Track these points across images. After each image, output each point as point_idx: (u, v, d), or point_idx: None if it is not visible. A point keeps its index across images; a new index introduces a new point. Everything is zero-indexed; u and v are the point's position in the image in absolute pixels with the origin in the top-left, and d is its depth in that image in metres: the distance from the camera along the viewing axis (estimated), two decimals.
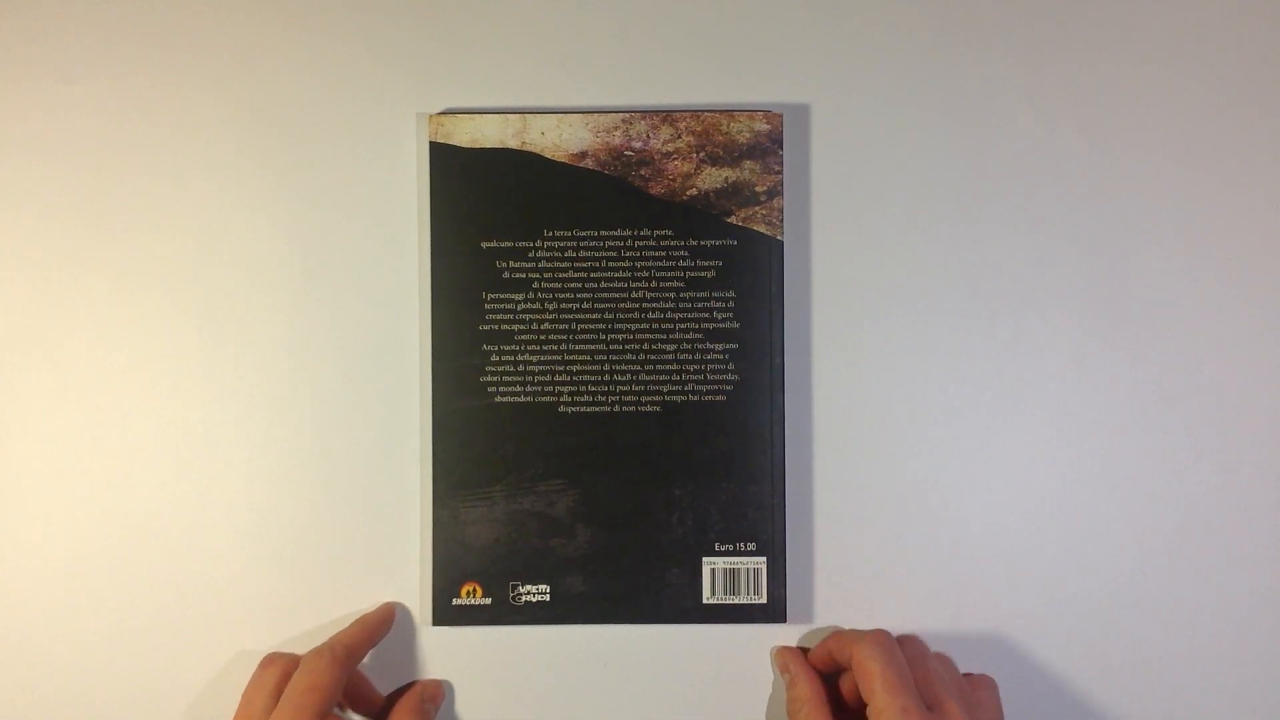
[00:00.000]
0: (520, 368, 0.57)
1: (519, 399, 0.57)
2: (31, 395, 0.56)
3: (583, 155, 0.58)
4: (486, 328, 0.58)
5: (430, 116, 0.58)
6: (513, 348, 0.57)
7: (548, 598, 0.57)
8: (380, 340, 0.58)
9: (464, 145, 0.58)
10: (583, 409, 0.57)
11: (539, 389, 0.57)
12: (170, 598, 0.57)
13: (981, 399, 0.59)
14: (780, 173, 0.58)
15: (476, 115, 0.58)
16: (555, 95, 0.59)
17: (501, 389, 0.57)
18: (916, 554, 0.59)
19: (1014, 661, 0.59)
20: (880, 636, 0.53)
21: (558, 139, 0.58)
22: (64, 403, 0.57)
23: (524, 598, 0.57)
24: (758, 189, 0.58)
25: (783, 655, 0.57)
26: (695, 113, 0.58)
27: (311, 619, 0.58)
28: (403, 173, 0.59)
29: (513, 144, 0.58)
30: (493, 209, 0.58)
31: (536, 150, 0.58)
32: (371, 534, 0.58)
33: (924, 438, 0.59)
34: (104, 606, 0.57)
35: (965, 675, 0.57)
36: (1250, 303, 0.59)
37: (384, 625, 0.57)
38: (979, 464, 0.59)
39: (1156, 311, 0.59)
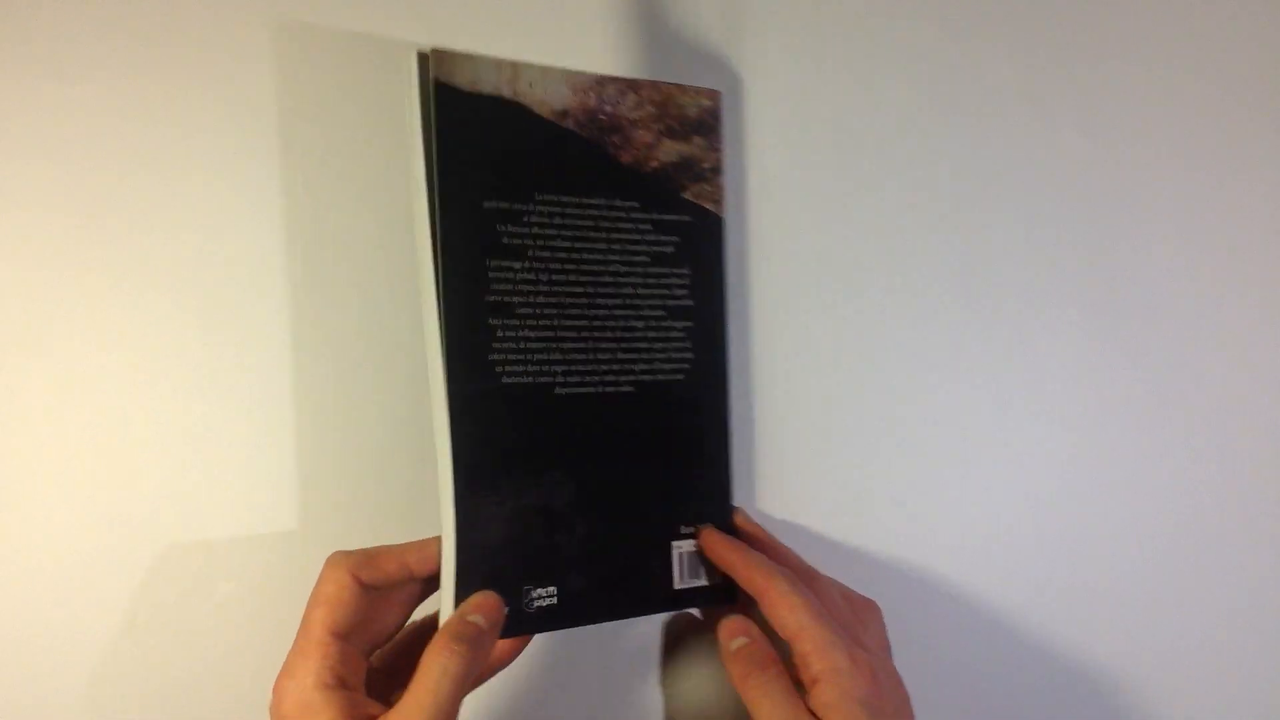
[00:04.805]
0: (522, 345, 0.52)
1: (522, 379, 0.52)
2: (31, 395, 0.54)
3: (565, 114, 0.54)
4: (493, 299, 0.51)
5: (432, 51, 0.50)
6: (514, 322, 0.52)
7: (555, 600, 0.53)
8: (389, 321, 0.57)
9: (465, 88, 0.51)
10: (573, 390, 0.54)
11: (539, 369, 0.53)
12: (170, 598, 0.55)
13: (932, 382, 0.62)
14: (720, 150, 0.59)
15: (475, 57, 0.51)
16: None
17: (508, 369, 0.52)
18: (860, 543, 0.61)
19: (1012, 657, 0.61)
20: (788, 574, 0.51)
21: (543, 93, 0.53)
22: (64, 403, 0.54)
23: (536, 603, 0.52)
24: (704, 165, 0.59)
25: (740, 622, 0.53)
26: (654, 82, 0.57)
27: None
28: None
29: (506, 92, 0.52)
30: (491, 165, 0.51)
31: (525, 103, 0.53)
32: (380, 536, 0.51)
33: (869, 422, 0.62)
34: (104, 607, 0.55)
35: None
36: (1250, 303, 0.63)
37: (422, 553, 0.51)
38: (928, 452, 0.61)
39: (1152, 311, 0.61)
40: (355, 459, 0.57)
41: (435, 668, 0.46)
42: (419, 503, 0.56)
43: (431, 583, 0.52)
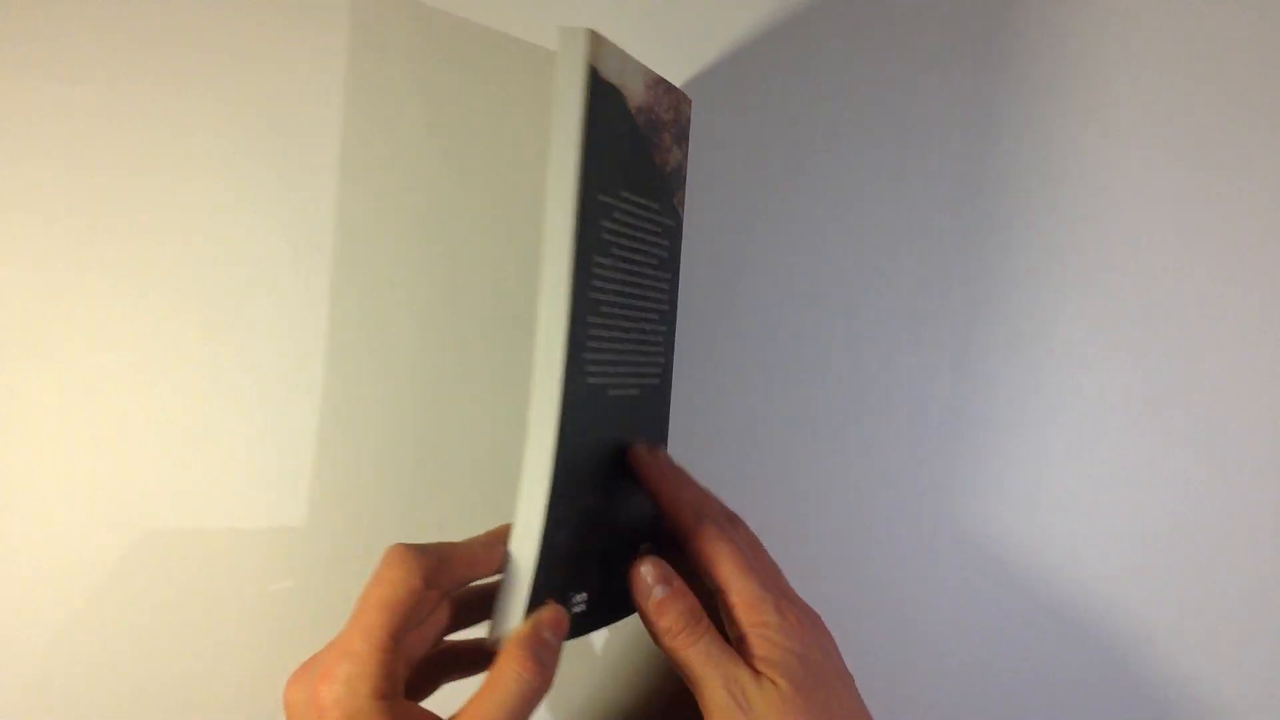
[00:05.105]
0: (601, 344, 0.51)
1: (595, 379, 0.51)
2: (31, 395, 0.55)
3: (640, 110, 0.53)
4: (592, 295, 0.50)
5: (588, 31, 0.47)
6: (599, 320, 0.51)
7: (585, 606, 0.52)
8: (389, 321, 0.58)
9: (602, 74, 0.48)
10: (618, 392, 0.54)
11: (604, 369, 0.52)
12: (169, 596, 0.56)
13: (929, 382, 0.62)
14: (688, 158, 0.61)
15: (610, 43, 0.49)
16: None
17: (591, 369, 0.50)
18: (859, 542, 0.62)
19: (1012, 657, 0.61)
20: (717, 518, 0.52)
21: (633, 86, 0.52)
22: (64, 403, 0.55)
23: (574, 609, 0.51)
24: (683, 172, 0.61)
25: (660, 566, 0.51)
26: (676, 87, 0.58)
27: (318, 623, 0.54)
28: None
29: (616, 82, 0.50)
30: (602, 156, 0.50)
31: (625, 95, 0.51)
32: (383, 534, 0.53)
33: (867, 422, 0.63)
34: (104, 606, 0.56)
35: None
36: (1250, 302, 0.60)
37: (490, 556, 0.48)
38: (927, 452, 0.62)
39: (1152, 311, 0.60)
40: (357, 458, 0.58)
41: (510, 683, 0.43)
42: (420, 500, 0.58)
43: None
